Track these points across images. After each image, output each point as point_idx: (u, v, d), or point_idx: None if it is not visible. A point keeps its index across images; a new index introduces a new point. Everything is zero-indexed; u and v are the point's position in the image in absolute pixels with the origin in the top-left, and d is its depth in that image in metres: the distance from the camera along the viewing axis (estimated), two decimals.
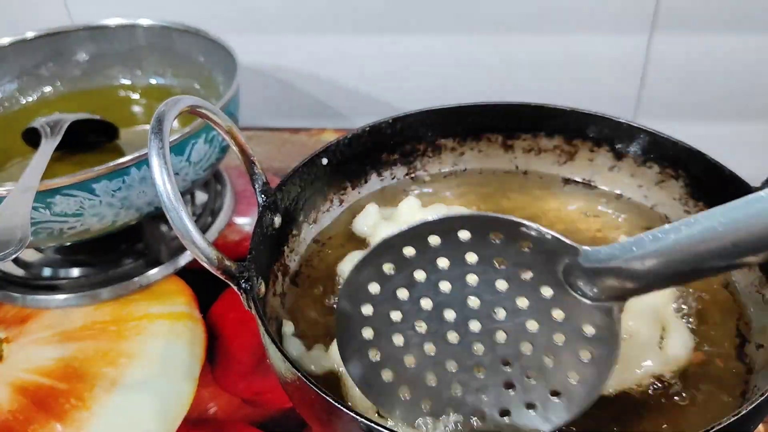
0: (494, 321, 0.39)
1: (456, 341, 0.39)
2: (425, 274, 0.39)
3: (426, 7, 0.80)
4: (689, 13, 0.74)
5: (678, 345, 0.44)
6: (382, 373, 0.39)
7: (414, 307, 0.39)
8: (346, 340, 0.40)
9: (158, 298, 0.63)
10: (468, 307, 0.39)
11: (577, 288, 0.37)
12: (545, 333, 0.38)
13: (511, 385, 0.39)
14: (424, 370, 0.39)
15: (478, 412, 0.39)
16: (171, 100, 0.40)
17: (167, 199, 0.36)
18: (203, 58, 0.78)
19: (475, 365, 0.39)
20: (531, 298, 0.38)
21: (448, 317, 0.39)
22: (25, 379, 0.56)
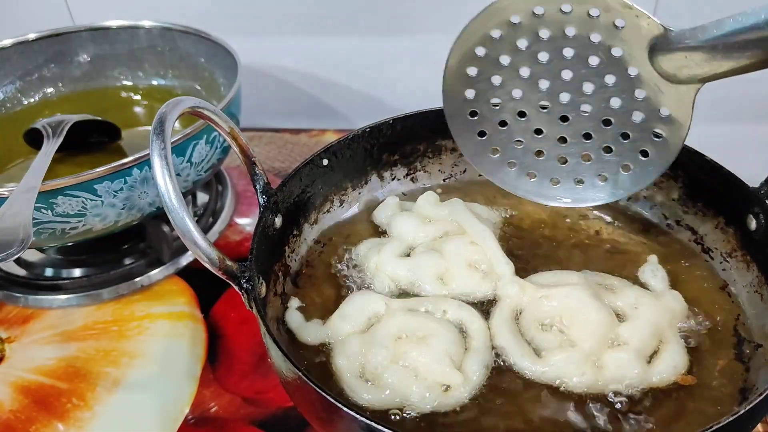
0: (582, 94, 0.44)
1: (546, 110, 0.46)
2: (527, 42, 0.43)
3: (426, 9, 0.80)
4: (688, 14, 0.74)
5: (667, 363, 0.43)
6: (476, 126, 0.48)
7: (513, 73, 0.45)
8: (450, 95, 0.47)
9: (160, 298, 0.63)
10: (561, 78, 0.44)
11: (661, 69, 0.40)
12: (627, 109, 0.43)
13: (589, 157, 0.46)
14: (514, 131, 0.47)
15: (554, 179, 0.48)
16: (172, 102, 0.40)
17: (169, 199, 0.37)
18: (204, 59, 0.78)
19: (560, 135, 0.46)
20: (618, 76, 0.42)
21: (543, 86, 0.45)
22: (26, 378, 0.56)
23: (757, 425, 0.47)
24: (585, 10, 0.41)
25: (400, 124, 0.59)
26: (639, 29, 0.40)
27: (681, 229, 0.55)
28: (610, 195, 0.47)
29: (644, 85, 0.42)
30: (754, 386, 0.42)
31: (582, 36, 0.42)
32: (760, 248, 0.47)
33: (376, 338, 0.45)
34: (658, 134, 0.44)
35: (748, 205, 0.48)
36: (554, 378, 0.43)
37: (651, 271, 0.50)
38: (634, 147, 0.45)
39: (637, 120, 0.44)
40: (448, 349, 0.44)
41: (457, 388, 0.43)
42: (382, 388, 0.43)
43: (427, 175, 0.63)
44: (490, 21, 0.44)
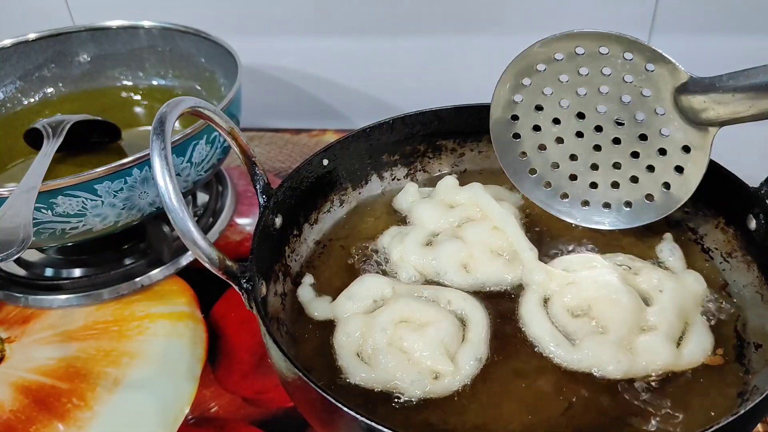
0: (615, 127, 0.50)
1: (582, 138, 0.51)
2: (568, 77, 0.49)
3: (426, 9, 0.80)
4: (688, 15, 0.74)
5: (695, 345, 0.44)
6: (518, 147, 0.54)
7: (555, 102, 0.51)
8: (497, 118, 0.53)
9: (160, 298, 0.63)
10: (597, 111, 0.50)
11: (684, 111, 0.45)
12: (653, 144, 0.48)
13: (617, 185, 0.52)
14: (552, 155, 0.53)
15: (584, 201, 0.53)
16: (173, 102, 0.40)
17: (169, 199, 0.37)
18: (205, 59, 0.78)
19: (592, 162, 0.52)
20: (647, 113, 0.48)
21: (580, 117, 0.50)
22: (27, 378, 0.56)
23: (757, 425, 0.47)
24: (621, 52, 0.47)
25: (400, 124, 0.59)
26: (666, 74, 0.46)
27: (681, 229, 0.55)
28: (632, 221, 0.52)
29: (670, 124, 0.47)
30: (754, 386, 0.42)
31: (617, 76, 0.48)
32: (760, 248, 0.47)
33: (378, 320, 0.46)
34: (680, 168, 0.48)
35: (749, 206, 0.48)
36: (590, 366, 0.43)
37: (669, 250, 0.51)
38: (658, 179, 0.49)
39: (662, 155, 0.49)
40: (444, 339, 0.44)
41: (447, 377, 0.43)
42: (375, 369, 0.44)
43: (427, 175, 0.63)
44: (537, 56, 0.49)
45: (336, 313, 0.49)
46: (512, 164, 0.55)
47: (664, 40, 0.77)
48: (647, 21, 0.76)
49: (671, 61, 0.45)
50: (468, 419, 0.42)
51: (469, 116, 0.60)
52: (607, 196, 0.53)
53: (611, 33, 0.46)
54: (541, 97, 0.51)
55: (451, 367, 0.43)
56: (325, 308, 0.49)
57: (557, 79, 0.50)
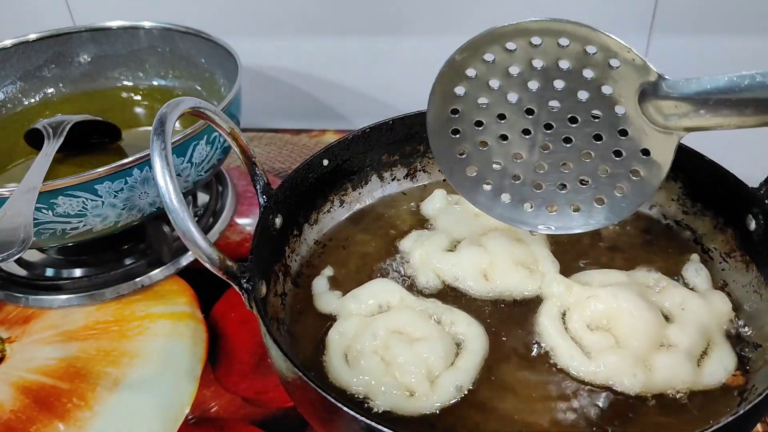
0: (567, 126, 0.45)
1: (528, 136, 0.46)
2: (519, 69, 0.44)
3: (426, 9, 0.80)
4: (687, 15, 0.74)
5: (717, 364, 0.43)
6: (457, 144, 0.48)
7: (501, 97, 0.46)
8: (435, 110, 0.48)
9: (160, 298, 0.63)
10: (548, 107, 0.45)
11: (648, 113, 0.41)
12: (609, 145, 0.44)
13: (564, 186, 0.47)
14: (494, 153, 0.48)
15: (528, 203, 0.48)
16: (173, 102, 0.40)
17: (169, 199, 0.37)
18: (205, 59, 0.79)
19: (539, 162, 0.47)
20: (605, 112, 0.43)
21: (528, 113, 0.45)
22: (27, 378, 0.56)
23: (757, 425, 0.47)
24: (582, 46, 0.42)
25: (400, 124, 0.59)
26: (633, 72, 0.41)
27: (680, 229, 0.55)
28: (582, 225, 0.47)
29: (629, 125, 0.43)
30: (753, 386, 0.42)
31: (575, 70, 0.43)
32: (759, 248, 0.47)
33: (372, 325, 0.46)
34: (637, 172, 0.44)
35: (748, 206, 0.48)
36: (606, 379, 0.43)
37: (695, 270, 0.50)
38: (610, 182, 0.45)
39: (617, 158, 0.44)
40: (431, 358, 0.43)
41: (420, 398, 0.42)
42: (353, 371, 0.44)
43: (427, 175, 0.63)
44: (487, 45, 0.44)
45: (339, 310, 0.49)
46: (450, 162, 0.49)
47: (664, 40, 0.77)
48: (647, 21, 0.76)
49: (641, 59, 0.41)
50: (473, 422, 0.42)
51: None
52: (554, 199, 0.48)
53: (573, 23, 0.42)
54: (487, 91, 0.46)
55: (426, 389, 0.42)
56: (331, 303, 0.50)
57: (507, 71, 0.45)
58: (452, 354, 0.45)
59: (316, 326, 0.49)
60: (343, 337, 0.46)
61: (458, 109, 0.47)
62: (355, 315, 0.48)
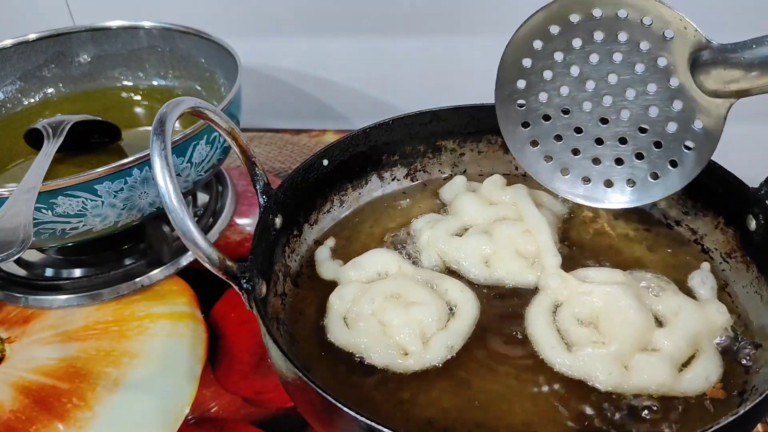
0: (624, 99, 0.47)
1: (589, 110, 0.48)
2: (581, 42, 0.46)
3: (426, 9, 0.80)
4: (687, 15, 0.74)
5: (699, 373, 0.43)
6: (521, 117, 0.50)
7: (564, 70, 0.48)
8: (503, 82, 0.50)
9: (160, 298, 0.63)
10: (607, 81, 0.47)
11: (699, 81, 0.43)
12: (663, 118, 0.46)
13: (621, 161, 0.49)
14: (556, 127, 0.50)
15: (585, 178, 0.50)
16: (173, 102, 0.40)
17: (169, 199, 0.37)
18: (205, 59, 0.78)
19: (598, 136, 0.49)
20: (660, 85, 0.45)
21: (589, 87, 0.48)
22: (27, 378, 0.56)
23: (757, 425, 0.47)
24: (640, 17, 0.44)
25: (400, 124, 0.59)
26: (684, 41, 0.43)
27: (681, 229, 0.55)
28: (636, 200, 0.49)
29: (683, 96, 0.44)
30: (753, 386, 0.42)
31: (632, 42, 0.45)
32: (759, 249, 0.47)
33: (371, 291, 0.48)
34: (689, 146, 0.46)
35: (748, 206, 0.48)
36: (582, 373, 0.43)
37: (701, 279, 0.50)
38: (665, 156, 0.47)
39: (671, 130, 0.46)
40: (425, 321, 0.46)
41: (413, 357, 0.45)
42: (352, 332, 0.47)
43: (427, 175, 0.63)
44: (551, 17, 0.46)
45: (340, 276, 0.52)
46: (514, 134, 0.52)
47: None
48: None
49: (691, 25, 0.42)
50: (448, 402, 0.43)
51: (469, 116, 0.60)
52: (610, 173, 0.50)
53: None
54: (551, 63, 0.48)
55: (419, 348, 0.45)
56: (333, 270, 0.53)
57: (570, 44, 0.47)
58: (445, 317, 0.47)
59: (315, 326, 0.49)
60: (342, 300, 0.49)
61: (524, 81, 0.50)
62: (355, 281, 0.50)
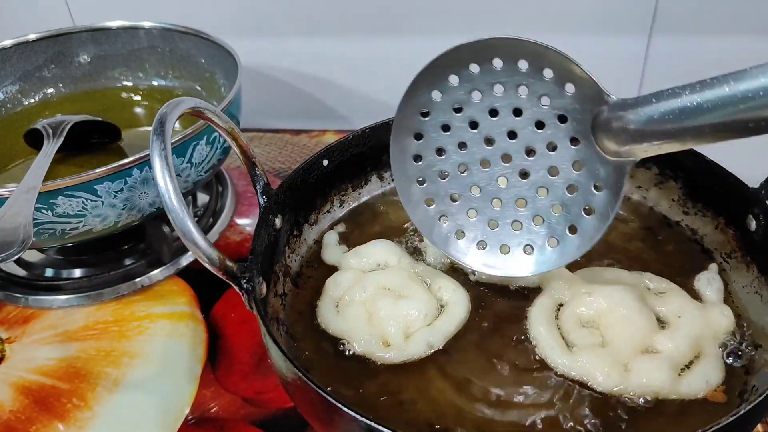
0: (524, 158, 0.44)
1: (487, 169, 0.46)
2: (481, 95, 0.44)
3: (426, 9, 0.80)
4: (688, 15, 0.74)
5: (699, 376, 0.42)
6: (417, 172, 0.47)
7: (463, 123, 0.45)
8: (399, 133, 0.47)
9: (160, 298, 0.63)
10: (507, 139, 0.44)
11: (600, 139, 0.40)
12: (562, 182, 0.43)
13: (520, 225, 0.46)
14: (453, 185, 0.47)
15: (481, 242, 0.47)
16: (173, 102, 0.40)
17: (169, 199, 0.37)
18: (205, 60, 0.78)
19: (495, 197, 0.46)
20: (561, 144, 0.43)
21: (487, 144, 0.45)
22: (27, 379, 0.56)
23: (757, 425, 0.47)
24: (540, 68, 0.41)
25: None
26: (587, 97, 0.40)
27: (681, 229, 0.55)
28: (534, 269, 0.45)
29: (583, 156, 0.42)
30: (753, 387, 0.42)
31: (533, 97, 0.42)
32: (759, 249, 0.47)
33: (365, 280, 0.49)
34: (588, 211, 0.43)
35: (748, 206, 0.48)
36: (581, 374, 0.43)
37: (707, 280, 0.49)
38: (563, 221, 0.44)
39: (571, 193, 0.43)
40: (411, 315, 0.47)
41: (393, 349, 0.46)
42: (339, 318, 0.48)
43: None
44: (450, 66, 0.44)
45: (342, 263, 0.53)
46: (409, 192, 0.48)
47: (664, 40, 0.77)
48: (647, 21, 0.76)
49: (591, 78, 0.39)
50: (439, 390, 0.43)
51: None
52: (507, 239, 0.46)
53: (531, 42, 0.40)
54: (450, 115, 0.45)
55: (400, 342, 0.46)
56: (336, 255, 0.54)
57: (470, 96, 0.44)
58: (433, 314, 0.48)
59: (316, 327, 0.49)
60: (337, 286, 0.50)
61: (421, 133, 0.47)
62: (354, 269, 0.51)
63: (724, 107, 0.32)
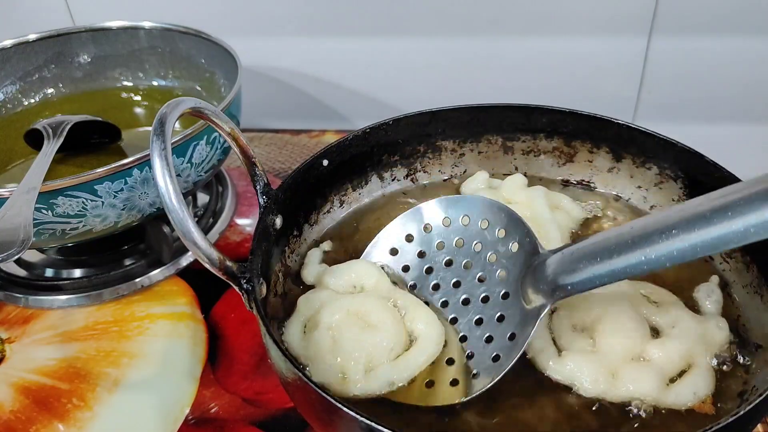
0: (459, 306, 0.47)
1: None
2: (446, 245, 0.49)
3: (426, 9, 0.80)
4: (688, 16, 0.74)
5: (688, 387, 0.42)
6: None
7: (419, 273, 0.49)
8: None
9: (160, 298, 0.63)
10: (451, 287, 0.48)
11: (527, 289, 0.43)
12: (487, 330, 0.45)
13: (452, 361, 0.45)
14: None
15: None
16: (173, 102, 0.40)
17: (169, 200, 0.37)
18: (205, 60, 0.78)
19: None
20: (492, 297, 0.46)
21: (456, 286, 0.48)
22: (27, 379, 0.56)
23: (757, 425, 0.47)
24: (497, 229, 0.47)
25: (400, 125, 0.59)
26: (523, 256, 0.45)
27: None
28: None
29: (508, 308, 0.44)
30: (753, 387, 0.42)
31: (484, 253, 0.47)
32: (759, 249, 0.47)
33: (336, 303, 0.47)
34: (497, 357, 0.43)
35: None
36: (568, 379, 0.43)
37: (706, 292, 0.49)
38: (470, 367, 0.44)
39: (486, 342, 0.44)
40: (376, 348, 0.44)
41: (349, 383, 0.43)
42: (303, 341, 0.46)
43: (427, 176, 0.63)
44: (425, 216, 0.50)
45: (319, 282, 0.51)
46: None
47: (664, 40, 0.77)
48: (647, 21, 0.76)
49: (530, 232, 0.44)
50: None
51: (469, 117, 0.60)
52: None
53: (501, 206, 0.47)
54: (412, 258, 0.50)
55: (359, 376, 0.43)
56: (311, 274, 0.52)
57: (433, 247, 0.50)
58: (400, 348, 0.45)
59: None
60: (308, 305, 0.48)
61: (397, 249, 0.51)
62: (330, 289, 0.49)
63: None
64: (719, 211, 0.31)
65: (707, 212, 0.32)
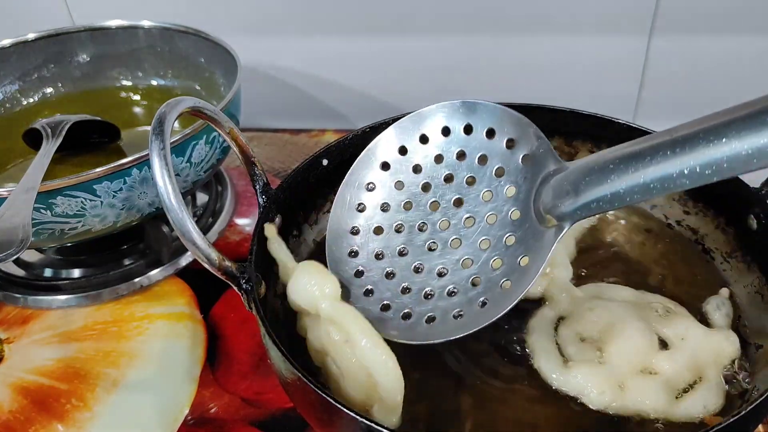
0: (462, 227, 0.43)
1: (424, 240, 0.45)
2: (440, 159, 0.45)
3: (426, 8, 0.80)
4: (688, 15, 0.74)
5: (697, 401, 0.41)
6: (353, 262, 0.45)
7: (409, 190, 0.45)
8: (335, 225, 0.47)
9: (159, 298, 0.63)
10: (451, 208, 0.44)
11: (537, 206, 0.40)
12: (495, 253, 0.42)
13: (454, 293, 0.43)
14: (391, 256, 0.45)
15: (408, 314, 0.43)
16: (172, 102, 0.40)
17: (168, 199, 0.37)
18: (204, 59, 0.78)
19: (428, 268, 0.44)
20: (499, 216, 0.42)
21: (429, 213, 0.45)
22: (26, 379, 0.56)
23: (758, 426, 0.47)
24: (504, 139, 0.43)
25: None
26: (539, 161, 0.41)
27: (682, 229, 0.55)
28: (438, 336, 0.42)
29: (518, 229, 0.41)
30: (754, 387, 0.42)
31: (491, 166, 0.43)
32: (760, 249, 0.47)
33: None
34: (507, 284, 0.41)
35: (749, 206, 0.48)
36: (575, 390, 0.43)
37: (716, 305, 0.48)
38: (476, 296, 0.42)
39: (496, 269, 0.42)
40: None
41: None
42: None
43: None
44: (416, 127, 0.46)
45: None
46: (347, 279, 0.45)
47: (664, 40, 0.77)
48: (647, 21, 0.76)
49: (544, 140, 0.40)
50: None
51: None
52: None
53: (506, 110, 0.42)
54: (407, 175, 0.46)
55: None
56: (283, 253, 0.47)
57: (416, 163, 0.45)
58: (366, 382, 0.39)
59: None
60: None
61: (374, 184, 0.47)
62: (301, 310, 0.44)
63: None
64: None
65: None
